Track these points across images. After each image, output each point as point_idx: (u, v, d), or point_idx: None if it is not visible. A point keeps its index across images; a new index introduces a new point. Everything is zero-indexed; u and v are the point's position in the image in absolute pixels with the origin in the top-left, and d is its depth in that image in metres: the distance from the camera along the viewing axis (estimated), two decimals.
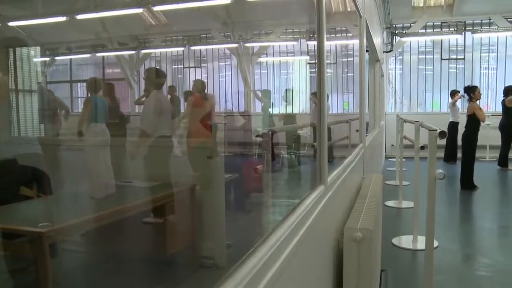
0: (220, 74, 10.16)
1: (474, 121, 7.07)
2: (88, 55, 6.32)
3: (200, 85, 5.36)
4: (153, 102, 3.95)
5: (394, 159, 9.33)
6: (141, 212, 3.82)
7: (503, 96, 9.50)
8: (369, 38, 5.20)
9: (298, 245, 1.26)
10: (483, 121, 7.14)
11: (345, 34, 6.75)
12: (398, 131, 6.88)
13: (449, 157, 10.16)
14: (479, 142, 7.46)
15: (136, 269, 3.33)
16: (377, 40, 6.87)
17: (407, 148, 7.27)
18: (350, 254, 2.05)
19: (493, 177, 8.83)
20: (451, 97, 10.61)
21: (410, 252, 4.51)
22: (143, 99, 4.79)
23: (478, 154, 8.87)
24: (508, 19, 11.39)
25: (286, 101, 8.99)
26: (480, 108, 7.16)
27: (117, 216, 3.30)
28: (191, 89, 5.76)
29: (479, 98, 7.29)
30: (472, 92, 7.22)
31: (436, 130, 2.83)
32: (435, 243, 4.57)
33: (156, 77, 4.17)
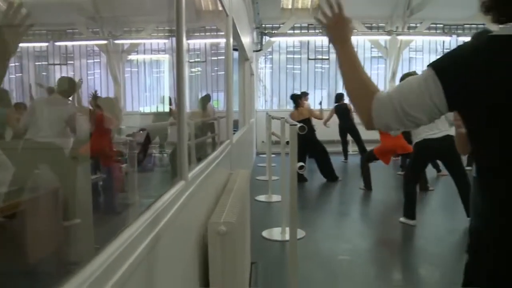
0: (88, 72, 9.70)
1: (310, 121, 7.90)
2: None
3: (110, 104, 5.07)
4: None
5: (265, 155, 9.65)
6: None
7: (335, 102, 10.18)
8: (237, 37, 5.32)
9: (153, 242, 1.26)
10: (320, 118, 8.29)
11: (215, 33, 6.81)
12: (267, 128, 7.13)
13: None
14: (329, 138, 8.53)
15: None
16: (246, 40, 7.04)
17: (276, 144, 7.58)
18: (214, 248, 2.08)
19: (348, 170, 9.53)
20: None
21: (279, 244, 4.69)
22: None
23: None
24: (366, 25, 12.35)
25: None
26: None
27: None
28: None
29: (303, 106, 8.14)
30: (299, 98, 8.06)
31: (296, 125, 2.98)
32: (302, 233, 4.83)
33: None
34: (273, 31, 12.09)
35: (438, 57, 1.25)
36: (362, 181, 7.23)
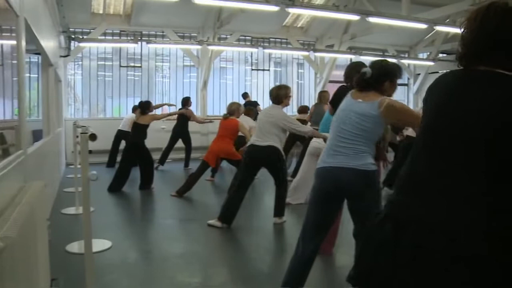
0: None
1: (144, 128, 7.89)
2: None
3: None
4: None
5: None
6: None
7: (181, 105, 10.38)
8: (34, 41, 5.00)
9: None
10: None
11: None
12: (74, 137, 6.83)
13: (112, 162, 10.54)
14: (155, 145, 8.77)
15: None
16: (49, 44, 6.64)
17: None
18: None
19: (168, 177, 9.60)
20: (133, 111, 10.79)
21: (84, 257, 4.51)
22: None
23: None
24: (178, 34, 12.55)
25: None
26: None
27: None
28: None
29: (151, 110, 8.29)
30: (147, 108, 8.04)
31: (87, 133, 2.90)
32: (109, 243, 4.72)
33: None
34: (83, 37, 11.52)
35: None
36: (175, 187, 7.32)
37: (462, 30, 1.68)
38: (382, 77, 2.97)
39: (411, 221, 1.59)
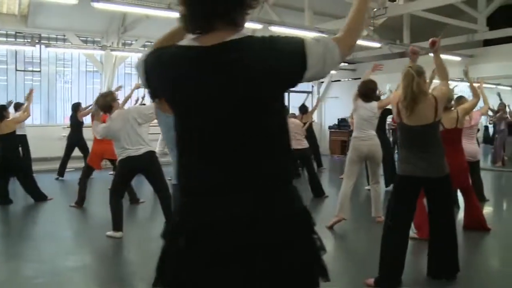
0: None
1: (12, 136, 7.32)
2: None
3: None
4: None
5: None
6: None
7: (72, 111, 9.80)
8: None
9: None
10: None
11: None
12: None
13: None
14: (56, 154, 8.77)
15: None
16: None
17: None
18: None
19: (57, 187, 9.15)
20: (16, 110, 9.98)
21: None
22: None
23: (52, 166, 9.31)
24: (81, 38, 12.08)
25: None
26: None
27: None
28: None
29: (8, 115, 7.61)
30: (4, 110, 7.42)
31: None
32: None
33: None
34: None
35: None
36: (73, 198, 6.99)
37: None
38: None
39: (206, 224, 1.51)
